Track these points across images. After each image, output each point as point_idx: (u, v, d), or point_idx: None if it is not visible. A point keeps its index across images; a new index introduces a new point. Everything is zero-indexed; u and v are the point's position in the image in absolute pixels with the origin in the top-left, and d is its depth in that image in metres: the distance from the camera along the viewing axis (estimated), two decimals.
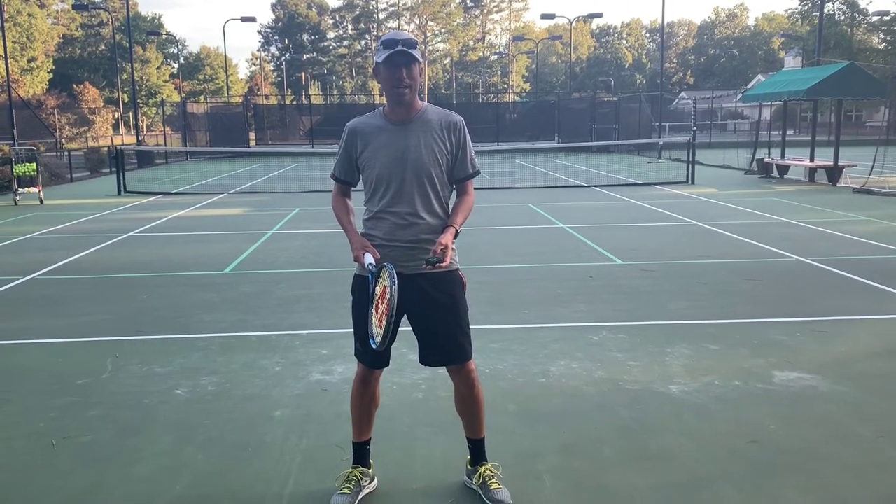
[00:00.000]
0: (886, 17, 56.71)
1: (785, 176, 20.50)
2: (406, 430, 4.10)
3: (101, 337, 6.03)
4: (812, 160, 19.81)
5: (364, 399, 3.39)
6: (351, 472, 3.39)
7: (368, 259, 3.11)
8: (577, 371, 5.02)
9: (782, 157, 21.03)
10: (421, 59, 3.13)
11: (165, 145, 37.40)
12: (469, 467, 3.49)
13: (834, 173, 18.47)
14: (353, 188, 3.43)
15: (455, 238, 3.15)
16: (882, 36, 60.75)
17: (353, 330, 3.33)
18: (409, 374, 4.93)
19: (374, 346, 2.99)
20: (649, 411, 4.34)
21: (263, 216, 13.71)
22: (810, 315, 6.36)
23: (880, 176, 17.54)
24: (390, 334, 2.96)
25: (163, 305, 7.07)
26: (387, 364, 3.36)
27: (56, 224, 12.92)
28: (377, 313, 3.03)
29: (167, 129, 40.20)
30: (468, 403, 3.40)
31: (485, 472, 3.39)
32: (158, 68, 69.20)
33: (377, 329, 3.01)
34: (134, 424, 4.24)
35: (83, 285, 8.05)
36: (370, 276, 3.09)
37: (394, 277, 2.89)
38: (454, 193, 3.36)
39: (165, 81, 69.53)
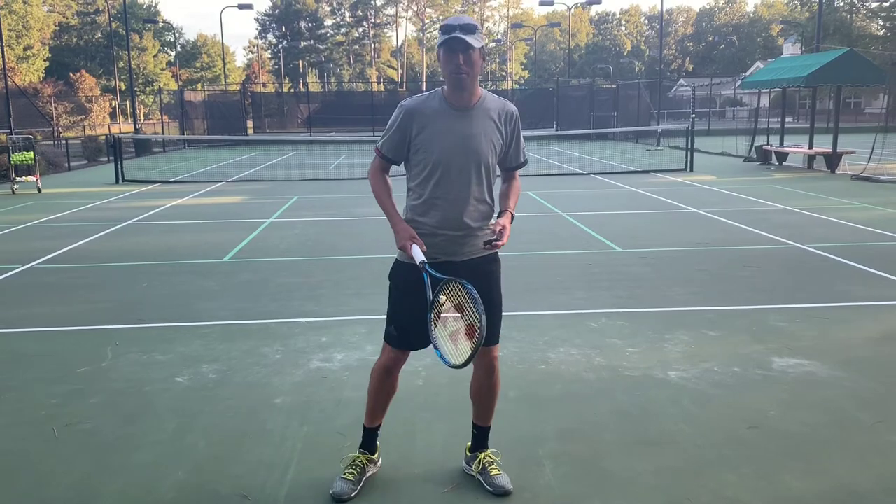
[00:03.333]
0: (886, 4, 56.59)
1: (784, 163, 20.49)
2: (407, 417, 4.11)
3: (101, 325, 6.04)
4: (811, 147, 19.79)
5: (385, 385, 3.40)
6: (357, 458, 3.39)
7: (419, 255, 3.04)
8: (577, 357, 5.04)
9: (781, 144, 21.01)
10: (480, 44, 3.05)
11: (163, 133, 37.30)
12: (468, 454, 3.51)
13: (833, 160, 18.45)
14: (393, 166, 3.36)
15: (511, 222, 3.17)
16: (881, 22, 60.56)
17: (387, 315, 3.31)
18: (410, 362, 4.89)
19: (448, 365, 2.93)
20: (649, 397, 4.35)
21: (262, 204, 13.69)
22: (809, 301, 6.38)
23: (879, 163, 17.53)
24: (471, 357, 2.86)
25: (163, 293, 7.07)
26: (423, 346, 3.22)
27: (54, 213, 12.90)
28: (444, 325, 2.97)
29: (165, 117, 40.08)
30: (485, 390, 3.40)
31: (484, 458, 3.41)
32: (155, 56, 68.85)
33: (449, 346, 2.94)
34: (135, 412, 4.25)
35: (83, 273, 8.04)
36: (425, 275, 3.02)
37: (480, 307, 2.79)
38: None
39: (162, 69, 69.19)
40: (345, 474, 3.33)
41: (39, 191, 16.30)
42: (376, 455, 3.47)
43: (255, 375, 4.79)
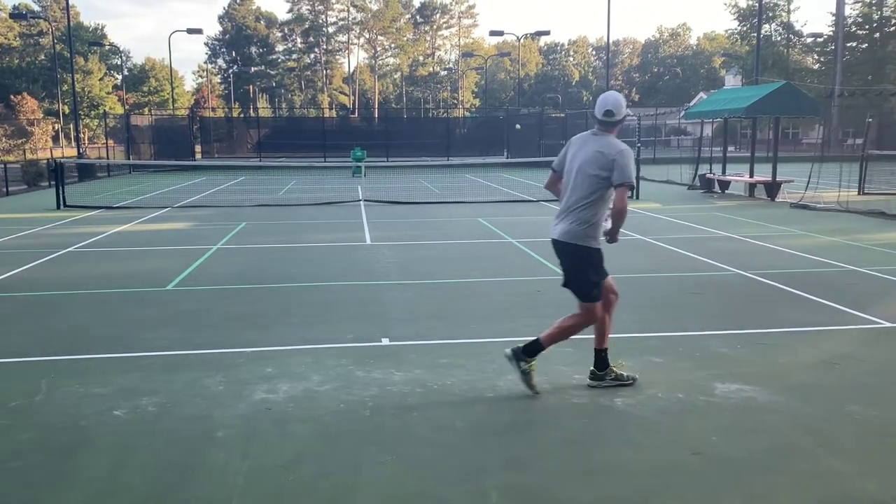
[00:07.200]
0: (819, 39, 59.13)
1: (726, 191, 21.06)
2: (353, 449, 4.04)
3: (35, 357, 5.81)
4: (752, 176, 20.40)
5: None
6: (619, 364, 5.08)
7: None
8: (525, 385, 5.03)
9: (723, 172, 21.60)
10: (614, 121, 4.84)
11: (108, 158, 36.46)
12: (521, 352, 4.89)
13: (772, 189, 19.05)
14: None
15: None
16: (816, 57, 63.25)
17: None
18: (356, 392, 4.88)
19: None
20: (595, 424, 4.38)
21: (208, 231, 13.46)
22: (750, 327, 6.52)
23: (815, 191, 18.17)
24: None
25: (102, 323, 6.86)
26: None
27: None
28: None
29: (110, 141, 39.24)
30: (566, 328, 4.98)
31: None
32: (101, 79, 67.55)
33: None
34: (69, 448, 4.09)
35: (18, 303, 7.75)
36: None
37: None
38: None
39: (108, 93, 67.91)
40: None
41: None
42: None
43: (197, 408, 4.66)
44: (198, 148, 44.48)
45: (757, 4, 32.81)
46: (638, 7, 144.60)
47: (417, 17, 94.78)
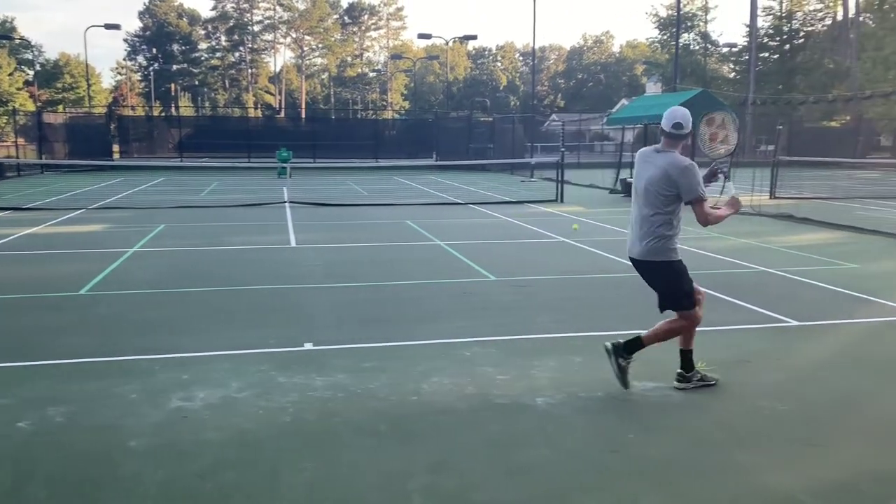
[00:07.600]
0: (734, 49, 61.64)
1: None
2: (272, 456, 3.96)
3: None
4: None
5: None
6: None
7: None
8: (449, 387, 5.04)
9: None
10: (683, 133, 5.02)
11: (18, 157, 34.79)
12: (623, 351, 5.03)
13: None
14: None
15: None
16: (731, 66, 65.89)
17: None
18: (276, 398, 4.78)
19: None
20: (516, 425, 4.41)
21: (125, 233, 12.98)
22: None
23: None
24: None
25: (7, 330, 6.52)
26: None
27: None
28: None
29: (20, 139, 37.42)
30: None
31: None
32: (11, 75, 64.28)
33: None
34: None
35: None
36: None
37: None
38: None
39: (19, 89, 64.67)
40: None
41: None
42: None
43: (108, 417, 4.48)
44: (116, 147, 42.92)
45: (676, 14, 33.97)
46: (563, 14, 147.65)
47: (345, 17, 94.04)
